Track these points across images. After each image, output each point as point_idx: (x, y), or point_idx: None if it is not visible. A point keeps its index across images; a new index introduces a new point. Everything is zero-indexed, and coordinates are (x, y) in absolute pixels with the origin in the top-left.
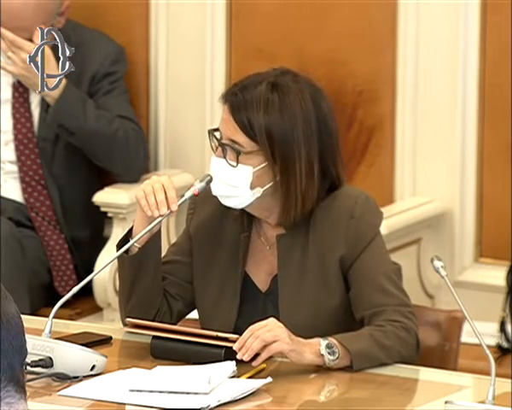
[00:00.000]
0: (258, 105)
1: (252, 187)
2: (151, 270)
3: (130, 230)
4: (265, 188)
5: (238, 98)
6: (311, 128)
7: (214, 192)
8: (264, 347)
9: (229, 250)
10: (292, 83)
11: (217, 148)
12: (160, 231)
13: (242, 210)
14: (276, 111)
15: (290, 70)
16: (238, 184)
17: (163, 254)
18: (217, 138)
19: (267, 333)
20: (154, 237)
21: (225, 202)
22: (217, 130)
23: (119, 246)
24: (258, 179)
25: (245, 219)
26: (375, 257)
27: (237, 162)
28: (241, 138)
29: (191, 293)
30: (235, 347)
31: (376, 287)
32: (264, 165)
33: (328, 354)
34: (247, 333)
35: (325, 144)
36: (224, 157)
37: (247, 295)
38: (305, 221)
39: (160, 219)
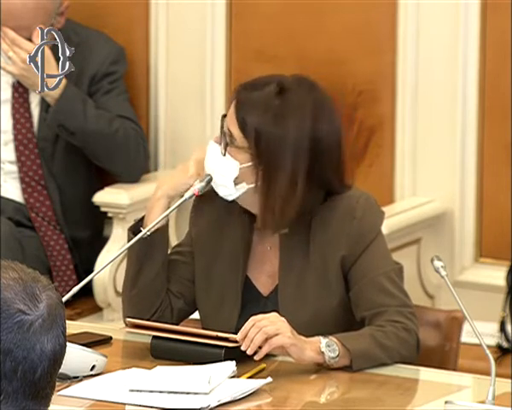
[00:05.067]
0: (256, 105)
1: (236, 182)
2: (158, 260)
3: (142, 218)
4: (249, 187)
5: (244, 94)
6: (301, 146)
7: (208, 171)
8: (266, 340)
9: (230, 253)
10: (301, 94)
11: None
12: (167, 224)
13: (244, 212)
14: (271, 115)
15: (308, 80)
16: (224, 174)
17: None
18: (221, 124)
19: (269, 326)
20: (163, 229)
21: (215, 188)
22: None
23: (131, 231)
24: (244, 176)
25: (247, 221)
26: (376, 257)
27: (225, 152)
28: (236, 132)
29: (193, 292)
30: (237, 337)
31: (377, 287)
32: (249, 164)
33: (329, 351)
34: (249, 323)
35: (321, 162)
36: (220, 144)
37: (248, 299)
38: (308, 221)
39: (178, 202)
